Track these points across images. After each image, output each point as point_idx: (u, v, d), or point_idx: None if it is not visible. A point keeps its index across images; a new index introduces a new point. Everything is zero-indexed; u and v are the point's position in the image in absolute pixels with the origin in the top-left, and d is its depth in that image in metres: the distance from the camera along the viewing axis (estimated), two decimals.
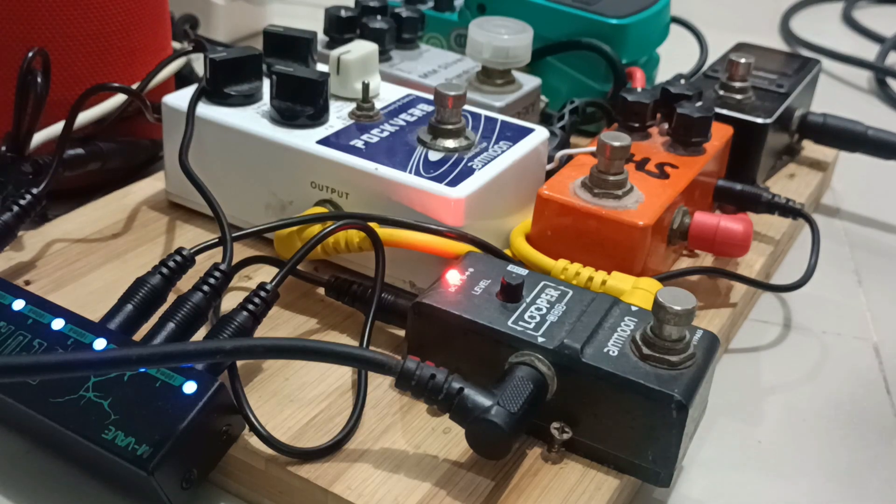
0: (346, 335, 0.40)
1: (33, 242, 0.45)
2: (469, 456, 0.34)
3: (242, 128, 0.44)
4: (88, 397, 0.32)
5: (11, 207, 0.41)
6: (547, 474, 0.34)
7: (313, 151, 0.43)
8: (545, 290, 0.37)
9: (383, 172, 0.41)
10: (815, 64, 0.62)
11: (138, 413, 0.32)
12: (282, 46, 0.49)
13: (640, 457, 0.34)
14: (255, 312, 0.36)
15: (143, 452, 0.31)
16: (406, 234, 0.40)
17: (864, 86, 0.79)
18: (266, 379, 0.37)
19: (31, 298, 0.36)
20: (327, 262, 0.44)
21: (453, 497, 0.33)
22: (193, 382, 0.32)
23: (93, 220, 0.47)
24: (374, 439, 0.35)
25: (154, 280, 0.37)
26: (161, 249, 0.45)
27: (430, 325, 0.36)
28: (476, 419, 0.32)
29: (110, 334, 0.35)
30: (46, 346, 0.34)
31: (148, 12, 0.52)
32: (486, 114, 0.47)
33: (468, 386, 0.32)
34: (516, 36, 0.52)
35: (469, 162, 0.43)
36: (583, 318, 0.36)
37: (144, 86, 0.49)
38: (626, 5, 0.59)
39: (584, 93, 0.58)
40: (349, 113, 0.46)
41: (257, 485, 0.34)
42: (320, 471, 0.33)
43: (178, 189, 0.48)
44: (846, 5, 0.96)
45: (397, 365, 0.32)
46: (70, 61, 0.49)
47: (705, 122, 0.48)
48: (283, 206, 0.44)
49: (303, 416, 0.36)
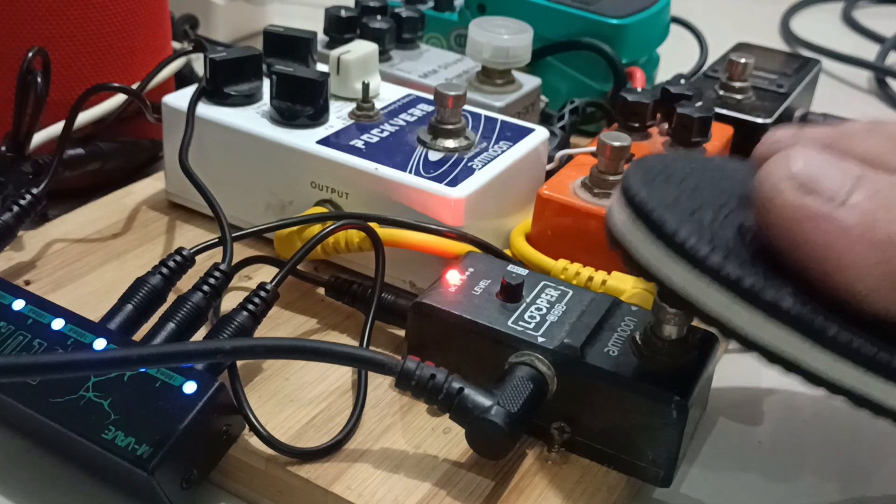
0: (346, 335, 0.40)
1: (33, 242, 0.45)
2: (469, 456, 0.34)
3: (242, 128, 0.44)
4: (88, 397, 0.32)
5: (11, 207, 0.41)
6: (547, 474, 0.34)
7: (313, 151, 0.43)
8: (545, 290, 0.37)
9: (383, 172, 0.41)
10: (815, 64, 0.62)
11: (138, 413, 0.32)
12: (282, 46, 0.49)
13: (640, 457, 0.34)
14: (255, 312, 0.36)
15: (143, 452, 0.31)
16: (406, 234, 0.40)
17: (864, 86, 0.79)
18: (266, 379, 0.37)
19: (31, 298, 0.36)
20: (327, 262, 0.44)
21: (453, 497, 0.33)
22: (193, 382, 0.32)
23: (93, 220, 0.47)
24: (374, 439, 0.35)
25: (154, 280, 0.37)
26: (161, 249, 0.45)
27: (430, 325, 0.36)
28: (476, 419, 0.32)
29: (110, 334, 0.35)
30: (46, 346, 0.34)
31: (148, 12, 0.52)
32: (486, 114, 0.47)
33: (468, 386, 0.32)
34: (516, 36, 0.52)
35: (469, 162, 0.43)
36: (583, 318, 0.36)
37: (144, 86, 0.49)
38: (626, 5, 0.59)
39: (584, 93, 0.58)
40: (349, 113, 0.46)
41: (257, 485, 0.34)
42: (320, 471, 0.33)
43: (178, 189, 0.48)
44: (846, 5, 0.96)
45: (397, 365, 0.32)
46: (70, 61, 0.49)
47: (705, 122, 0.48)
48: (284, 206, 0.44)
49: (303, 416, 0.36)
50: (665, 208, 0.29)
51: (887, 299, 0.27)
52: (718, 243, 0.28)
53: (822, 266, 0.27)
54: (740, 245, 0.29)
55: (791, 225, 0.27)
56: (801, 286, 0.27)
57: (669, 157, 0.34)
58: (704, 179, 0.32)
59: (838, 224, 0.27)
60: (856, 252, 0.26)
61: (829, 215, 0.27)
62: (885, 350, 0.26)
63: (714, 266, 0.28)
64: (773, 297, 0.27)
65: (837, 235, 0.27)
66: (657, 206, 0.29)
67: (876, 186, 0.27)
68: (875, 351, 0.26)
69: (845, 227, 0.27)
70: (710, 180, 0.32)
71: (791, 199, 0.27)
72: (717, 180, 0.32)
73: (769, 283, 0.27)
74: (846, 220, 0.27)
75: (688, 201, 0.30)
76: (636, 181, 0.31)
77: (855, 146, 0.30)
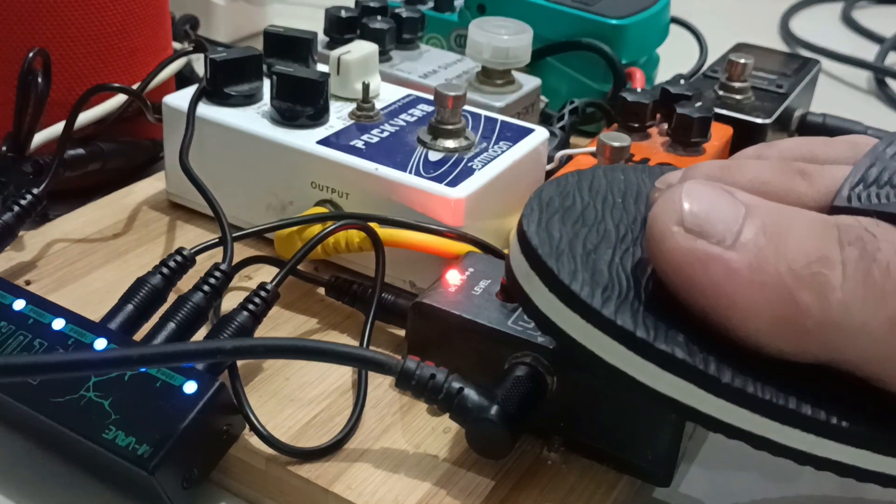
0: (346, 335, 0.41)
1: (34, 242, 0.45)
2: (469, 455, 0.34)
3: (243, 128, 0.44)
4: (89, 397, 0.32)
5: (12, 207, 0.41)
6: (547, 474, 0.34)
7: (313, 151, 0.43)
8: None
9: (383, 172, 0.41)
10: (814, 64, 0.62)
11: (139, 413, 0.32)
12: (282, 47, 0.49)
13: (639, 457, 0.34)
14: (256, 312, 0.36)
15: (143, 452, 0.31)
16: (406, 235, 0.40)
17: (863, 86, 0.79)
18: (266, 379, 0.37)
19: (31, 298, 0.36)
20: (328, 262, 0.44)
21: (453, 496, 0.33)
22: (194, 382, 0.32)
23: (93, 220, 0.47)
24: (375, 439, 0.35)
25: (154, 280, 0.37)
26: (162, 249, 0.45)
27: (430, 325, 0.36)
28: (476, 419, 0.32)
29: (111, 334, 0.35)
30: (47, 346, 0.34)
31: (149, 13, 0.52)
32: (486, 114, 0.47)
33: (468, 386, 0.32)
34: (516, 36, 0.52)
35: (469, 162, 0.43)
36: None
37: (145, 86, 0.49)
38: (625, 5, 0.59)
39: (584, 93, 0.59)
40: (349, 113, 0.46)
41: (258, 484, 0.34)
42: (320, 470, 0.33)
43: (179, 189, 0.48)
44: (846, 5, 0.96)
45: (397, 365, 0.32)
46: (71, 62, 0.49)
47: (705, 122, 0.48)
48: (284, 206, 0.45)
49: (303, 416, 0.36)
50: (559, 255, 0.29)
51: (780, 341, 0.27)
52: (613, 290, 0.28)
53: (715, 310, 0.27)
54: (638, 286, 0.29)
55: (683, 270, 0.27)
56: (700, 326, 0.27)
57: (573, 181, 0.34)
58: (607, 205, 0.32)
59: (728, 267, 0.26)
60: (746, 295, 0.26)
61: (718, 258, 0.27)
62: (779, 394, 0.26)
63: (607, 318, 0.28)
64: (666, 347, 0.27)
65: (728, 278, 0.26)
66: (551, 253, 0.29)
67: (763, 220, 0.27)
68: (769, 396, 0.26)
69: (735, 270, 0.26)
70: (613, 206, 0.32)
71: (680, 244, 0.27)
72: (621, 204, 0.32)
73: (662, 331, 0.27)
74: (735, 263, 0.26)
75: (585, 239, 0.30)
76: (531, 223, 0.31)
77: (743, 175, 0.30)
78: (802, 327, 0.26)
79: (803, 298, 0.26)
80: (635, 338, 0.27)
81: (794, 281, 0.26)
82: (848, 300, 0.26)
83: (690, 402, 0.27)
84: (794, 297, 0.26)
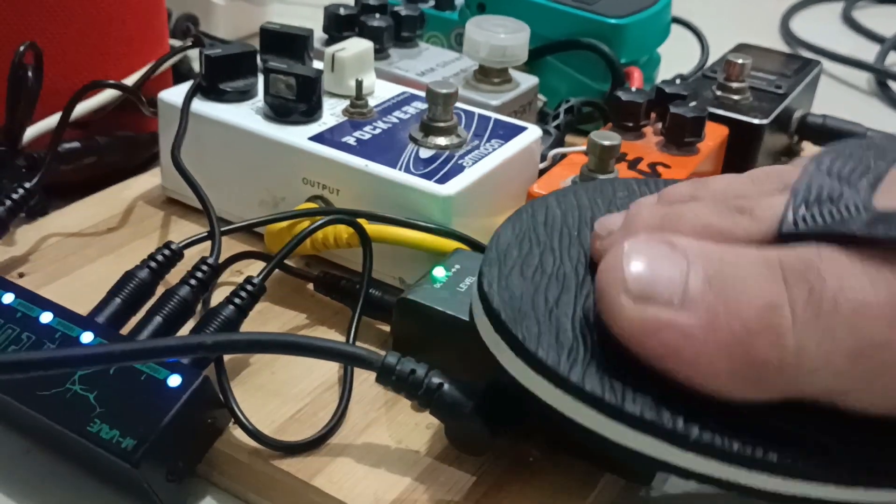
0: (334, 330, 0.41)
1: (29, 236, 0.45)
2: (451, 452, 0.34)
3: (236, 124, 0.45)
4: (75, 390, 0.33)
5: (4, 201, 0.41)
6: (528, 470, 0.34)
7: (305, 148, 0.43)
8: None
9: (373, 169, 0.42)
10: (815, 65, 0.62)
11: (123, 406, 0.32)
12: (278, 43, 0.49)
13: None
14: (242, 306, 0.36)
15: (127, 445, 0.31)
16: (394, 231, 0.40)
17: (864, 87, 0.79)
18: (253, 372, 0.38)
19: (20, 292, 0.36)
20: (319, 258, 0.44)
21: (433, 492, 0.33)
22: (178, 376, 0.33)
23: (89, 214, 0.48)
24: (358, 434, 0.35)
25: (142, 274, 0.37)
26: (156, 244, 0.45)
27: (415, 322, 0.36)
28: (454, 415, 0.32)
29: (98, 328, 0.35)
30: (35, 339, 0.34)
31: (142, 1, 0.52)
32: (480, 112, 0.48)
33: (448, 381, 0.32)
34: (513, 35, 0.52)
35: (459, 160, 0.43)
36: None
37: (141, 82, 0.50)
38: (625, 5, 0.59)
39: (583, 92, 0.59)
40: (343, 110, 0.46)
41: (242, 477, 0.35)
42: (302, 464, 0.33)
43: (174, 184, 0.48)
44: (846, 5, 0.96)
45: (378, 360, 0.32)
46: (64, 51, 0.49)
47: (699, 121, 0.48)
48: (276, 202, 0.45)
49: (288, 410, 0.36)
50: (522, 318, 0.30)
51: (743, 391, 0.27)
52: (579, 351, 0.29)
53: (676, 372, 0.27)
54: (603, 340, 0.29)
55: (639, 340, 0.27)
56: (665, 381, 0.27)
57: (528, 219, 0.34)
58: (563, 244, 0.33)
59: (682, 331, 0.27)
60: (704, 356, 0.26)
61: (670, 324, 0.27)
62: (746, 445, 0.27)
63: (575, 384, 0.28)
64: (634, 410, 0.27)
65: (684, 342, 0.27)
66: (514, 317, 0.30)
67: (706, 269, 0.27)
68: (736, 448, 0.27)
69: (689, 334, 0.27)
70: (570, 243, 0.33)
71: (631, 314, 0.27)
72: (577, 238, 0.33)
73: (629, 392, 0.28)
74: (688, 325, 0.27)
75: (546, 291, 0.31)
76: (493, 281, 0.31)
77: (686, 223, 0.30)
78: (763, 376, 0.26)
79: (759, 350, 0.26)
80: (604, 402, 0.28)
81: (747, 335, 0.26)
82: (802, 342, 0.26)
83: (662, 457, 0.28)
84: (750, 350, 0.26)
